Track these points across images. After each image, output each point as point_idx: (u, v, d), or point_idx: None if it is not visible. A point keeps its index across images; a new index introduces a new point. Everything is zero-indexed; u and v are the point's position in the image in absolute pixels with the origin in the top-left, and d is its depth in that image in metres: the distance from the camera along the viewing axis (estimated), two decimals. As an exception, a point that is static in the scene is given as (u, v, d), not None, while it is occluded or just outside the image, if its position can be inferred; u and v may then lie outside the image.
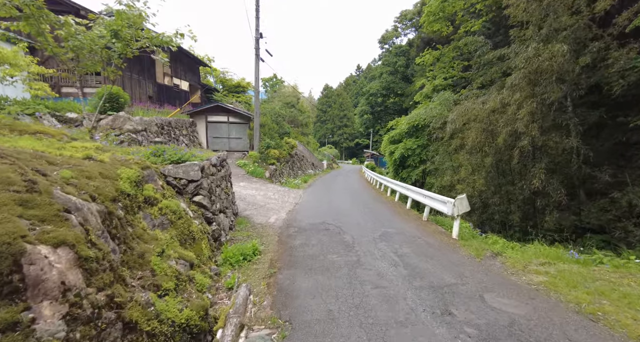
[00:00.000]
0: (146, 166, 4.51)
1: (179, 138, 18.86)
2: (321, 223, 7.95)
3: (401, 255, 5.35)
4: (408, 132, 15.85)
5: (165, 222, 4.16)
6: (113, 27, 5.39)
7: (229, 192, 7.50)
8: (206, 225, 5.34)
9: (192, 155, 5.72)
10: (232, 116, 22.27)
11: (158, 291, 3.11)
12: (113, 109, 13.39)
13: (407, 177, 15.54)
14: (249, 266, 4.92)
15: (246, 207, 9.34)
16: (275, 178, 18.25)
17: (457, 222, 6.52)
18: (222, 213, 6.46)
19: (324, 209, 9.96)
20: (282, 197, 11.77)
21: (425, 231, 7.30)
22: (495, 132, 9.51)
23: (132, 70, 17.29)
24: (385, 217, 8.98)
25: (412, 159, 15.08)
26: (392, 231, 7.19)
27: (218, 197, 6.33)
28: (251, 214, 8.63)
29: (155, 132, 15.78)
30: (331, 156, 54.00)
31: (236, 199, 9.94)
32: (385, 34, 39.11)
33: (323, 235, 6.75)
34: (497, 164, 9.84)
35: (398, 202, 11.79)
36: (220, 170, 7.04)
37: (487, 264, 4.96)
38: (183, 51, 23.81)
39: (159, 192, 4.43)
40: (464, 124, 10.49)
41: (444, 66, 17.71)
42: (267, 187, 13.50)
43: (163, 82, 21.59)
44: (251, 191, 11.97)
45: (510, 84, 8.73)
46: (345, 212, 9.44)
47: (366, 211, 9.93)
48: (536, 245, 6.12)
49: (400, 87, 36.81)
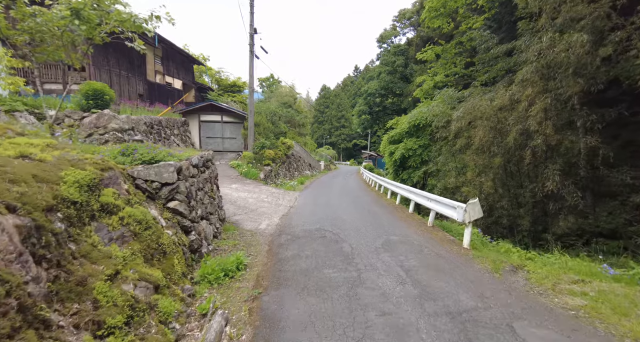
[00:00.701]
0: (107, 167, 3.79)
1: (170, 138, 18.09)
2: (317, 229, 7.23)
3: (408, 269, 4.65)
4: (409, 131, 15.19)
5: (126, 234, 3.43)
6: (74, 6, 4.65)
7: (215, 196, 6.77)
8: (182, 235, 4.61)
9: (169, 154, 5.00)
10: (226, 115, 21.54)
11: (99, 330, 2.39)
12: (97, 107, 12.61)
13: (407, 179, 14.88)
14: (231, 284, 4.20)
15: (236, 211, 8.61)
16: (270, 179, 17.52)
17: (468, 230, 5.83)
18: (204, 220, 5.73)
19: (320, 213, 9.25)
20: (276, 200, 11.05)
21: (431, 238, 6.61)
22: (504, 131, 8.87)
23: (120, 67, 16.53)
24: (386, 222, 8.28)
25: (413, 159, 14.41)
26: (395, 238, 6.50)
27: (200, 202, 5.60)
28: (241, 219, 7.90)
29: (143, 131, 15.02)
30: (329, 157, 53.35)
31: (226, 202, 9.21)
32: (383, 33, 38.55)
33: (319, 244, 6.03)
34: (505, 165, 9.20)
35: (399, 206, 11.10)
36: (204, 171, 6.31)
37: (509, 281, 4.27)
38: (175, 48, 23.08)
39: (122, 198, 3.70)
40: (470, 122, 9.85)
41: (445, 62, 17.08)
42: (260, 189, 12.77)
43: (154, 80, 20.82)
44: (243, 193, 11.23)
45: (521, 79, 8.10)
46: (344, 217, 8.73)
47: (366, 215, 9.23)
48: (557, 256, 5.45)
49: (399, 86, 36.21)
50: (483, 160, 9.45)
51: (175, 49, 23.35)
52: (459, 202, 6.25)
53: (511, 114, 8.71)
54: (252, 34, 17.25)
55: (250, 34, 17.26)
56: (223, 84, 38.61)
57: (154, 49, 20.47)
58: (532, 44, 7.99)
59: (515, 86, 8.41)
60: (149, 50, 20.16)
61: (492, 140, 8.97)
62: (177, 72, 24.59)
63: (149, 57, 20.07)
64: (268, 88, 55.18)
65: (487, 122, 9.05)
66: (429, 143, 14.47)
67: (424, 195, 8.10)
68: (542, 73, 7.79)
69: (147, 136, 15.38)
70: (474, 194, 9.72)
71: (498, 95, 8.95)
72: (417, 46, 33.08)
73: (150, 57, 20.36)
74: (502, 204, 9.41)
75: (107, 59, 15.15)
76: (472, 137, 9.76)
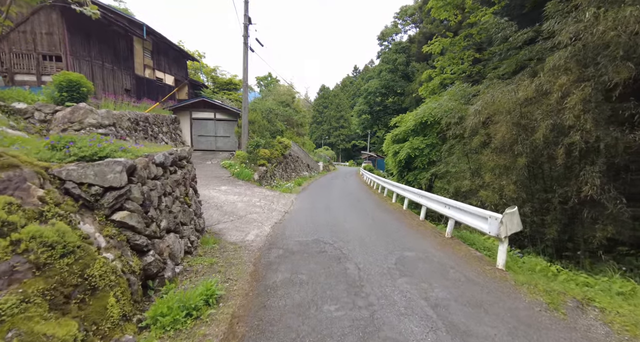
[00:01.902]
0: (7, 165, 2.60)
1: (158, 136, 16.86)
2: (315, 241, 6.05)
3: (436, 303, 3.47)
4: (415, 129, 14.03)
5: (19, 268, 2.24)
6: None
7: (191, 202, 5.57)
8: (133, 258, 3.41)
9: (120, 149, 3.80)
10: (220, 112, 20.34)
11: None
12: (73, 100, 11.37)
13: (413, 181, 13.71)
14: (194, 329, 3.00)
15: (220, 218, 7.40)
16: (265, 181, 16.32)
17: (503, 247, 4.65)
18: (173, 233, 4.54)
19: (319, 220, 8.07)
20: (269, 204, 9.85)
21: (454, 254, 5.43)
22: (530, 127, 7.72)
23: (103, 58, 15.30)
24: (396, 231, 7.11)
25: (419, 160, 13.24)
26: (410, 254, 5.31)
27: (166, 211, 4.40)
28: (225, 228, 6.70)
29: (127, 128, 13.79)
30: (327, 158, 52.25)
31: (210, 207, 8.01)
32: (384, 30, 37.44)
33: (317, 262, 4.84)
34: (530, 166, 8.07)
35: (407, 211, 9.94)
36: (176, 171, 5.11)
37: (581, 327, 3.08)
38: (167, 42, 21.84)
39: (27, 211, 2.51)
40: (488, 118, 8.71)
41: (452, 57, 15.94)
42: (253, 191, 11.57)
43: (143, 75, 19.58)
44: (232, 196, 10.03)
45: (552, 67, 6.98)
46: (346, 225, 7.55)
47: (371, 222, 8.05)
48: (621, 281, 4.29)
49: (400, 85, 35.09)
50: (504, 161, 8.31)
51: (167, 43, 22.11)
52: (490, 211, 5.08)
53: (538, 107, 7.58)
54: (246, 24, 16.08)
55: (245, 24, 16.08)
56: (219, 82, 37.45)
57: (142, 41, 19.24)
58: (566, 26, 6.88)
59: (544, 75, 7.30)
60: (138, 43, 18.92)
61: (515, 137, 7.84)
62: (168, 67, 23.36)
63: (137, 50, 18.85)
64: (266, 87, 54.10)
65: (510, 116, 7.92)
66: (437, 142, 13.32)
67: (440, 200, 6.92)
68: (579, 58, 6.68)
69: (132, 133, 14.16)
70: (493, 199, 8.56)
71: (521, 87, 7.83)
72: (420, 43, 32.00)
73: (139, 50, 19.13)
74: (525, 211, 8.26)
75: (87, 49, 13.93)
76: (491, 134, 8.61)
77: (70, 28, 12.76)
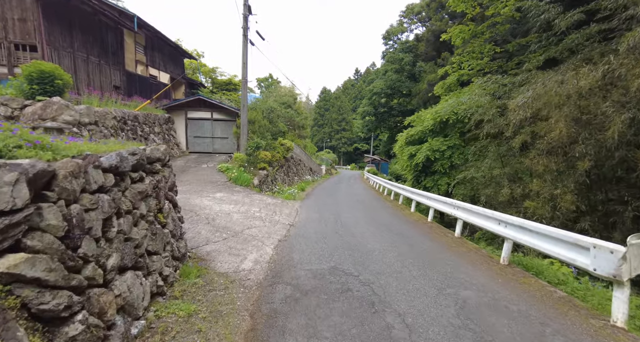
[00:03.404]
0: None
1: (149, 136, 15.37)
2: (333, 271, 4.54)
3: None
4: (433, 129, 12.56)
5: None
6: None
7: (167, 220, 4.06)
8: (28, 338, 1.90)
9: (27, 144, 2.30)
10: (217, 112, 18.90)
11: None
12: (45, 94, 9.90)
13: (432, 187, 12.21)
14: None
15: (211, 236, 5.89)
16: (266, 186, 14.82)
17: (624, 295, 3.11)
18: (131, 271, 3.04)
19: (332, 237, 6.55)
20: (271, 215, 8.35)
21: (529, 294, 3.91)
22: (595, 123, 6.26)
23: (88, 51, 13.88)
24: (434, 254, 5.59)
25: (440, 163, 11.75)
26: (470, 295, 3.80)
27: (118, 240, 2.90)
28: (215, 251, 5.19)
29: (112, 127, 12.32)
30: (330, 161, 50.86)
31: (199, 221, 6.51)
32: (390, 29, 36.14)
33: (343, 314, 3.32)
34: (591, 171, 6.58)
35: (434, 224, 8.45)
36: (142, 179, 3.61)
37: None
38: (162, 37, 20.46)
39: None
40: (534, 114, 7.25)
41: (472, 51, 14.48)
42: (252, 199, 10.07)
43: (135, 71, 18.17)
44: (228, 205, 8.53)
45: (632, 46, 5.56)
46: (367, 244, 6.04)
47: (396, 240, 6.54)
48: None
49: (406, 86, 33.71)
50: (556, 164, 6.84)
51: (162, 38, 20.74)
52: (592, 237, 3.57)
53: (605, 99, 6.14)
54: (245, 15, 14.69)
55: (244, 15, 14.69)
56: (218, 82, 36.12)
57: (134, 35, 17.83)
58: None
59: (615, 58, 5.88)
60: (129, 36, 17.51)
61: (575, 135, 6.38)
62: (163, 64, 21.95)
63: (128, 44, 17.44)
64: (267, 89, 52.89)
65: (567, 110, 6.46)
66: (460, 143, 11.84)
67: (493, 216, 5.41)
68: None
69: (118, 133, 12.70)
70: (542, 212, 7.04)
71: (581, 75, 6.38)
72: (428, 42, 30.68)
73: (130, 45, 17.72)
74: (584, 225, 6.75)
75: (69, 39, 12.51)
76: (538, 132, 7.14)
77: (48, 15, 11.35)
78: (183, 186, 10.65)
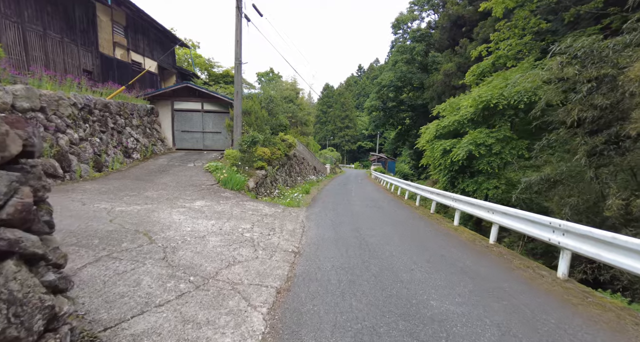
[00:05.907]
0: None
1: (124, 130, 12.77)
2: None
3: None
4: (474, 118, 9.95)
5: None
6: None
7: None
8: None
9: None
10: (209, 103, 16.34)
11: None
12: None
13: (473, 192, 9.60)
14: None
15: (157, 290, 3.31)
16: (265, 189, 12.28)
17: None
18: None
19: (365, 287, 3.99)
20: (266, 236, 5.79)
21: None
22: None
23: (45, 25, 11.33)
24: (556, 326, 3.04)
25: (486, 160, 9.13)
26: None
27: None
28: (152, 331, 2.62)
29: (70, 116, 9.76)
30: (334, 159, 48.31)
31: (153, 254, 3.94)
32: (399, 17, 33.36)
33: None
34: None
35: (504, 249, 5.88)
36: None
37: None
38: (147, 19, 17.79)
39: None
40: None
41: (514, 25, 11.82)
42: (243, 208, 7.53)
43: (112, 55, 15.61)
44: (206, 221, 5.98)
45: None
46: (431, 304, 3.49)
47: (478, 290, 3.98)
48: None
49: (417, 78, 31.02)
50: None
51: (147, 20, 18.12)
52: None
53: None
54: (239, -19, 12.09)
55: (237, -19, 12.09)
56: (214, 75, 33.59)
57: (111, 11, 15.23)
58: None
59: None
60: (104, 14, 14.86)
61: None
62: (149, 50, 19.37)
63: (103, 23, 14.86)
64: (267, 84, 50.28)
65: None
66: (511, 135, 9.23)
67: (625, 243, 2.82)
68: None
69: (78, 124, 10.15)
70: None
71: None
72: (443, 29, 27.95)
73: (106, 23, 15.14)
74: None
75: (15, 7, 9.96)
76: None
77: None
78: (153, 192, 8.11)
